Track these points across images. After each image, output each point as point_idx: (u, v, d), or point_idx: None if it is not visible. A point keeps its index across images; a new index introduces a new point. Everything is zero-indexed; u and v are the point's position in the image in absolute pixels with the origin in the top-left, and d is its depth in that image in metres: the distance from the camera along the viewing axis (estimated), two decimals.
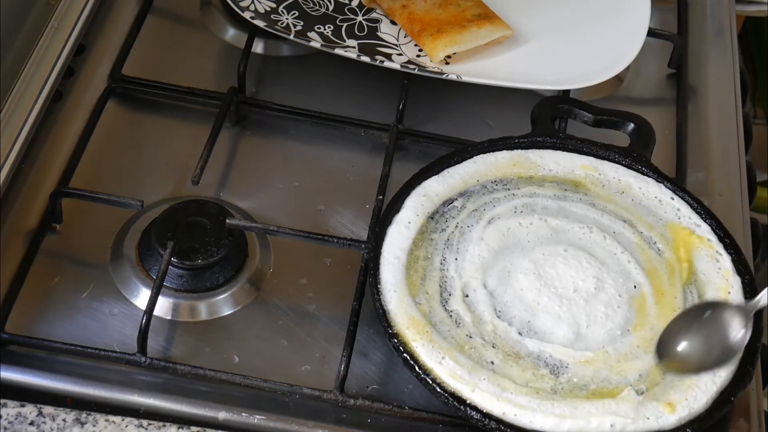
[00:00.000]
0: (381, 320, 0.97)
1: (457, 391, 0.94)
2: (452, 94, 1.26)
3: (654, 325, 0.99)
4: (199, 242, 1.05)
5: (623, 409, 0.93)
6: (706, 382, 0.96)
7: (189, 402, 0.97)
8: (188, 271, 1.04)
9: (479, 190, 1.09)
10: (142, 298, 1.03)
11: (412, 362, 0.95)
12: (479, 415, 0.92)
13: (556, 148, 1.13)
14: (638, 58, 1.23)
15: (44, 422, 0.92)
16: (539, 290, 1.00)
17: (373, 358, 1.02)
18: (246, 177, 1.16)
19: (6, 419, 0.92)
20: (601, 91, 1.28)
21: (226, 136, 1.19)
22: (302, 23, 1.24)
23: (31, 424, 0.92)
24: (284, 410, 0.97)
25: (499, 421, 0.92)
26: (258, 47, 1.27)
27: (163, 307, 1.03)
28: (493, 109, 1.25)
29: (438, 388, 0.94)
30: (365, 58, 1.20)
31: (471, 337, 0.97)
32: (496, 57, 1.24)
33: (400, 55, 1.22)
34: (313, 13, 1.26)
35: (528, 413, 0.92)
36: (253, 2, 1.25)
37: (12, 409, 0.93)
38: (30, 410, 0.93)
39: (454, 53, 1.21)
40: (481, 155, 1.11)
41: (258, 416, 0.96)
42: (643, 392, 0.95)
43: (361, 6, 1.28)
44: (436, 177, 1.09)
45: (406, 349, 0.95)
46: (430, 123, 1.22)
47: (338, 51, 1.20)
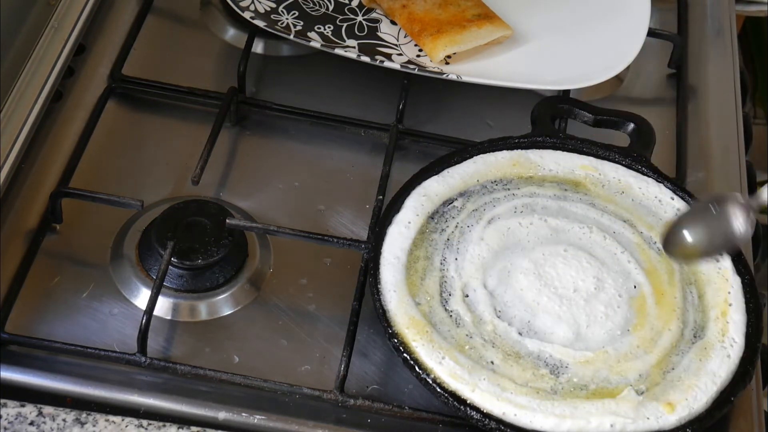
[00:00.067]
0: (381, 320, 0.97)
1: (457, 391, 0.93)
2: (452, 94, 1.26)
3: (654, 325, 0.99)
4: (199, 242, 1.05)
5: (623, 409, 0.93)
6: (706, 382, 0.96)
7: (189, 402, 0.97)
8: (188, 271, 1.04)
9: (479, 190, 1.09)
10: (142, 298, 1.03)
11: (412, 362, 0.95)
12: (479, 415, 0.92)
13: (556, 148, 1.13)
14: (638, 58, 1.23)
15: (44, 422, 0.92)
16: (539, 290, 1.00)
17: (373, 358, 1.02)
18: (246, 177, 1.16)
19: (6, 419, 0.92)
20: (601, 91, 1.28)
21: (226, 136, 1.18)
22: (302, 23, 1.24)
23: (31, 424, 0.92)
24: (284, 410, 0.97)
25: (499, 421, 0.92)
26: (258, 47, 1.27)
27: (163, 307, 1.03)
28: (493, 109, 1.25)
29: (438, 388, 0.94)
30: (365, 58, 1.20)
31: (471, 337, 0.97)
32: (496, 57, 1.24)
33: (400, 55, 1.22)
34: (313, 13, 1.26)
35: (528, 413, 0.92)
36: (253, 2, 1.25)
37: (12, 409, 0.93)
38: (30, 410, 0.93)
39: (454, 53, 1.21)
40: (481, 155, 1.11)
41: (258, 416, 0.96)
42: (643, 392, 0.95)
43: (361, 6, 1.28)
44: (436, 177, 1.09)
45: (406, 349, 0.95)
46: (430, 123, 1.22)
47: (338, 51, 1.20)
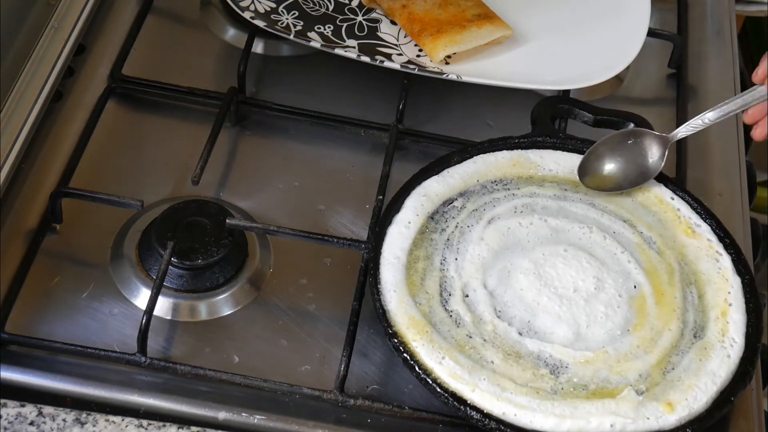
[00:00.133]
0: (381, 320, 0.97)
1: (457, 391, 0.93)
2: (452, 94, 1.26)
3: (654, 325, 0.99)
4: (199, 242, 1.05)
5: (623, 409, 0.93)
6: (706, 382, 0.96)
7: (189, 402, 0.97)
8: (188, 271, 1.04)
9: (479, 190, 1.09)
10: (142, 298, 1.03)
11: (412, 362, 0.95)
12: (479, 415, 0.92)
13: (556, 148, 1.13)
14: (638, 58, 1.23)
15: (44, 422, 0.92)
16: (539, 290, 1.00)
17: (373, 358, 1.02)
18: (246, 177, 1.16)
19: (6, 419, 0.92)
20: (601, 91, 1.28)
21: (226, 136, 1.18)
22: (302, 23, 1.24)
23: (31, 424, 0.92)
24: (284, 410, 0.97)
25: (499, 421, 0.92)
26: (258, 47, 1.27)
27: (163, 307, 1.03)
28: (493, 109, 1.25)
29: (438, 388, 0.94)
30: (365, 58, 1.20)
31: (471, 337, 0.97)
32: (496, 57, 1.24)
33: (400, 55, 1.22)
34: (313, 13, 1.26)
35: (528, 413, 0.92)
36: (253, 2, 1.25)
37: (12, 409, 0.93)
38: (30, 410, 0.93)
39: (454, 53, 1.21)
40: (481, 155, 1.11)
41: (258, 416, 0.96)
42: (643, 392, 0.95)
43: (361, 6, 1.28)
44: (436, 177, 1.09)
45: (406, 349, 0.95)
46: (430, 123, 1.22)
47: (338, 51, 1.20)
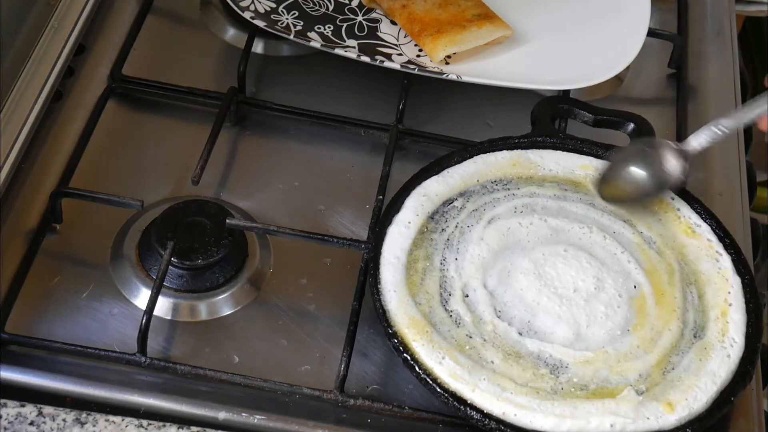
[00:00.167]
0: (381, 320, 0.97)
1: (457, 391, 0.93)
2: (452, 94, 1.26)
3: (654, 325, 0.99)
4: (199, 242, 1.05)
5: (623, 409, 0.93)
6: (706, 382, 0.96)
7: (189, 402, 0.97)
8: (188, 271, 1.04)
9: (479, 190, 1.09)
10: (142, 298, 1.03)
11: (412, 362, 0.95)
12: (479, 415, 0.92)
13: (556, 148, 1.13)
14: (638, 58, 1.22)
15: (44, 422, 0.92)
16: (539, 290, 1.00)
17: (373, 358, 1.02)
18: (246, 177, 1.16)
19: (6, 419, 0.92)
20: (601, 91, 1.28)
21: (226, 136, 1.18)
22: (302, 23, 1.24)
23: (31, 424, 0.92)
24: (284, 410, 0.97)
25: (499, 421, 0.92)
26: (258, 47, 1.27)
27: (163, 307, 1.03)
28: (493, 109, 1.25)
29: (438, 388, 0.94)
30: (365, 58, 1.20)
31: (471, 337, 0.97)
32: (496, 57, 1.24)
33: (400, 55, 1.22)
34: (313, 13, 1.26)
35: (528, 413, 0.92)
36: (253, 2, 1.25)
37: (12, 409, 0.93)
38: (30, 410, 0.93)
39: (454, 53, 1.21)
40: (481, 155, 1.11)
41: (258, 416, 0.96)
42: (643, 392, 0.95)
43: (361, 6, 1.28)
44: (436, 177, 1.09)
45: (406, 349, 0.95)
46: (430, 123, 1.22)
47: (338, 51, 1.20)
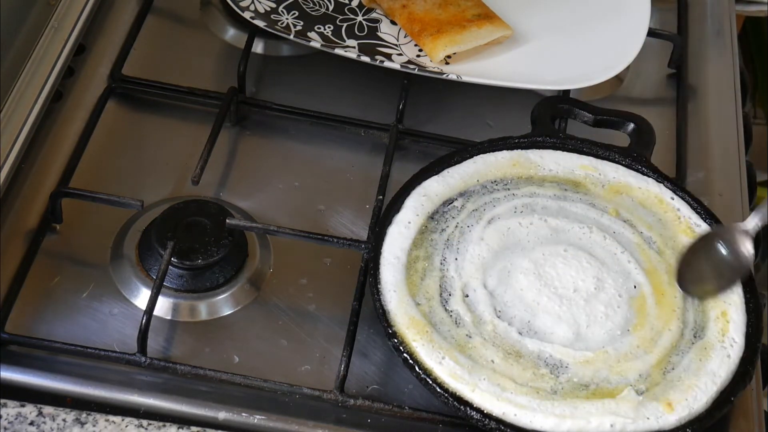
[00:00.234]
0: (381, 320, 0.97)
1: (457, 391, 0.93)
2: (452, 94, 1.26)
3: (654, 325, 0.99)
4: (199, 242, 1.05)
5: (623, 409, 0.93)
6: (706, 382, 0.96)
7: (189, 402, 0.97)
8: (188, 271, 1.04)
9: (479, 190, 1.09)
10: (142, 298, 1.03)
11: (412, 362, 0.95)
12: (479, 415, 0.92)
13: (556, 148, 1.13)
14: (638, 58, 1.22)
15: (44, 422, 0.92)
16: (539, 290, 1.00)
17: (373, 358, 1.02)
18: (246, 177, 1.16)
19: (6, 419, 0.92)
20: (601, 91, 1.28)
21: (226, 136, 1.18)
22: (302, 23, 1.24)
23: (31, 424, 0.92)
24: (284, 410, 0.97)
25: (499, 421, 0.92)
26: (258, 47, 1.27)
27: (163, 307, 1.03)
28: (493, 109, 1.25)
29: (438, 388, 0.94)
30: (365, 58, 1.20)
31: (471, 337, 0.97)
32: (496, 57, 1.24)
33: (400, 55, 1.22)
34: (313, 13, 1.26)
35: (528, 413, 0.92)
36: (253, 2, 1.25)
37: (12, 409, 0.93)
38: (30, 410, 0.93)
39: (454, 53, 1.21)
40: (481, 155, 1.11)
41: (258, 416, 0.96)
42: (643, 392, 0.95)
43: (361, 6, 1.28)
44: (436, 177, 1.09)
45: (406, 349, 0.95)
46: (430, 123, 1.22)
47: (338, 51, 1.20)
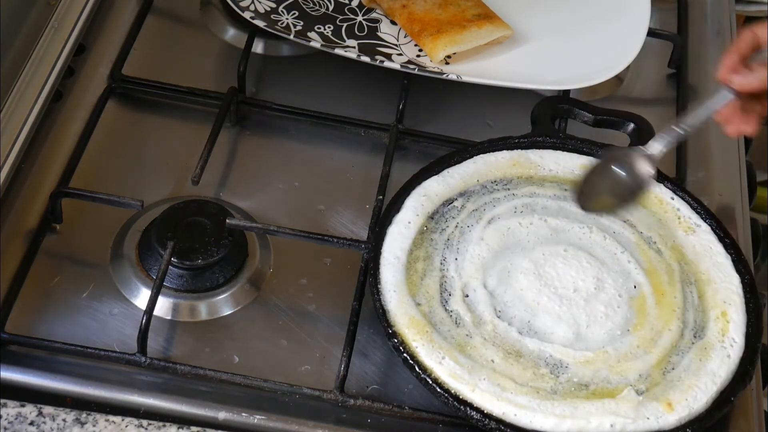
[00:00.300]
0: (381, 320, 0.97)
1: (457, 391, 0.93)
2: (452, 94, 1.26)
3: (654, 325, 0.99)
4: (199, 242, 1.05)
5: (623, 409, 0.93)
6: (706, 382, 0.96)
7: (189, 402, 0.97)
8: (188, 271, 1.04)
9: (479, 190, 1.09)
10: (142, 298, 1.03)
11: (412, 362, 0.95)
12: (479, 415, 0.92)
13: (556, 148, 1.13)
14: (638, 58, 1.22)
15: (44, 422, 0.92)
16: (539, 290, 1.00)
17: (373, 358, 1.02)
18: (246, 177, 1.16)
19: (6, 419, 0.92)
20: (601, 91, 1.28)
21: (226, 136, 1.18)
22: (302, 23, 1.24)
23: (31, 424, 0.92)
24: (284, 410, 0.97)
25: (499, 421, 0.92)
26: (258, 47, 1.27)
27: (163, 307, 1.03)
28: (493, 109, 1.25)
29: (438, 388, 0.94)
30: (365, 58, 1.20)
31: (471, 337, 0.97)
32: (496, 57, 1.24)
33: (400, 55, 1.22)
34: (313, 13, 1.26)
35: (528, 413, 0.92)
36: (253, 2, 1.25)
37: (12, 409, 0.93)
38: (30, 410, 0.93)
39: (454, 53, 1.21)
40: (481, 155, 1.11)
41: (258, 416, 0.96)
42: (643, 392, 0.95)
43: (361, 6, 1.28)
44: (436, 177, 1.09)
45: (406, 349, 0.95)
46: (430, 123, 1.22)
47: (338, 51, 1.20)
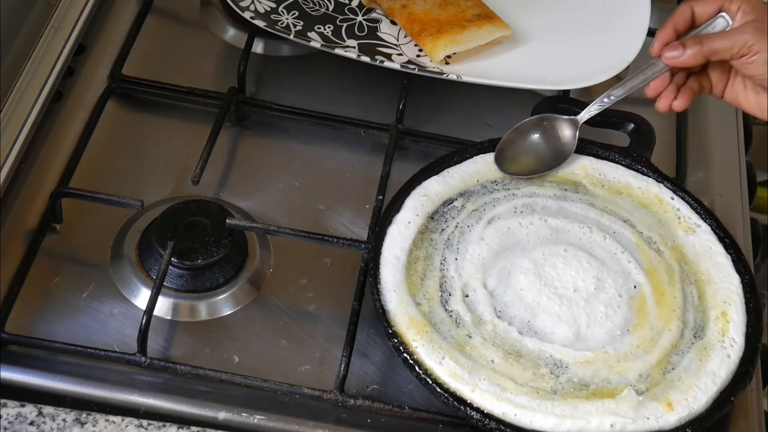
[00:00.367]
0: (381, 320, 0.97)
1: (457, 391, 0.93)
2: (452, 94, 1.26)
3: (654, 325, 0.99)
4: (199, 242, 1.05)
5: (623, 409, 0.93)
6: (706, 382, 0.96)
7: (189, 402, 0.97)
8: (188, 271, 1.04)
9: (479, 190, 1.09)
10: (142, 298, 1.03)
11: (412, 362, 0.95)
12: (479, 415, 0.92)
13: None
14: (638, 58, 1.22)
15: (44, 422, 0.92)
16: (539, 290, 1.00)
17: (373, 358, 1.02)
18: (246, 177, 1.16)
19: (6, 419, 0.92)
20: (601, 91, 1.27)
21: (226, 136, 1.18)
22: (302, 23, 1.24)
23: (31, 424, 0.92)
24: (284, 410, 0.97)
25: (499, 421, 0.92)
26: (258, 47, 1.27)
27: (163, 307, 1.03)
28: (493, 109, 1.25)
29: (438, 388, 0.94)
30: (365, 58, 1.20)
31: (471, 337, 0.97)
32: (496, 57, 1.23)
33: (400, 55, 1.22)
34: (313, 13, 1.26)
35: (528, 413, 0.92)
36: (253, 2, 1.25)
37: (12, 409, 0.93)
38: (30, 410, 0.93)
39: (454, 53, 1.21)
40: (481, 155, 1.11)
41: (258, 416, 0.96)
42: (643, 392, 0.95)
43: (361, 6, 1.28)
44: (436, 177, 1.09)
45: (406, 349, 0.95)
46: (430, 123, 1.22)
47: (338, 51, 1.20)
